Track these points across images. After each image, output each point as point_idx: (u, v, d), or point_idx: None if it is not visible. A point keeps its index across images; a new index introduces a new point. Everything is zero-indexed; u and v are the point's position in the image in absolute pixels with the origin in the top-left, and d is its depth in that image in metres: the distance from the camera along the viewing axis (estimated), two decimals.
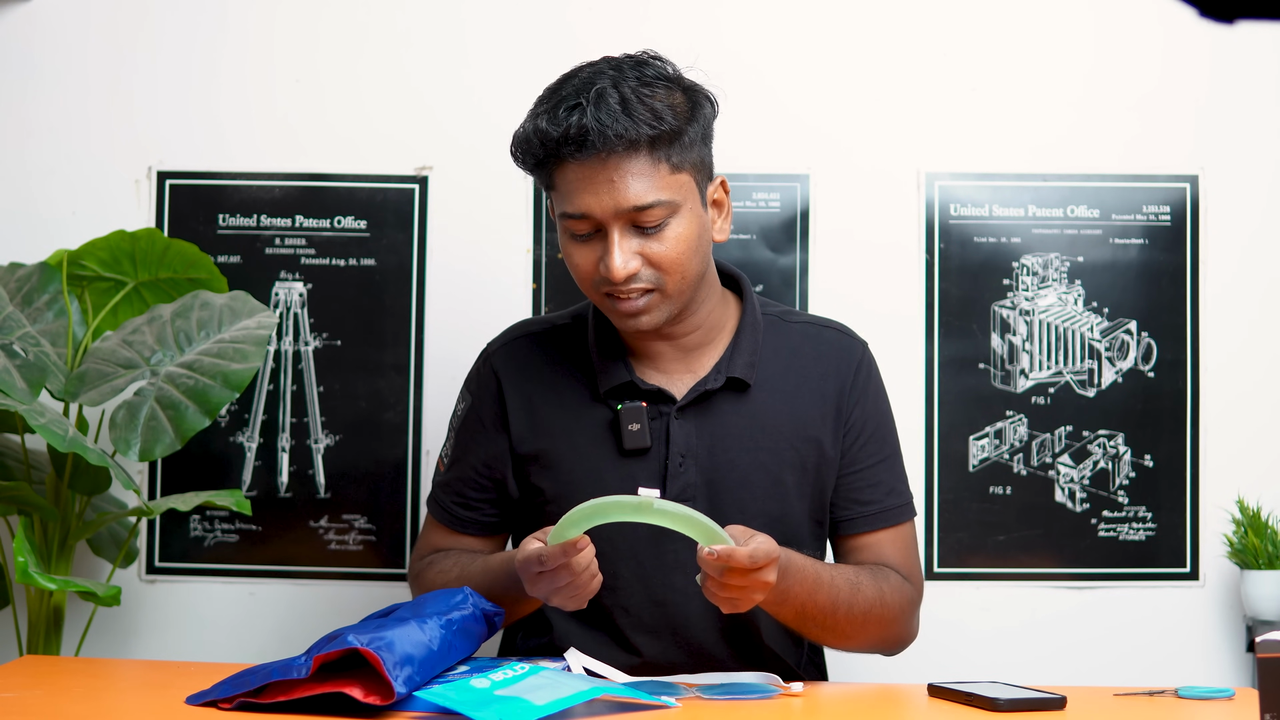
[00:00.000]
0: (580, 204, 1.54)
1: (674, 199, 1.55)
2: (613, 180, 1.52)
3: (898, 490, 1.74)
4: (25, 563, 1.92)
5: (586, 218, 1.55)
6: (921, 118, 2.41)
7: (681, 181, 1.57)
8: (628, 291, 1.57)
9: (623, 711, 1.37)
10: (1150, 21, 2.40)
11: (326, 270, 2.40)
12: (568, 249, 1.60)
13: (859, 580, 1.64)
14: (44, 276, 2.20)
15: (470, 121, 2.42)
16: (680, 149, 1.56)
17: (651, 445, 1.65)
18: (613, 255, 1.54)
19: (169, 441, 2.02)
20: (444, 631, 1.41)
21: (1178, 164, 2.40)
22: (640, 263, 1.56)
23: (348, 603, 2.37)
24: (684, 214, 1.57)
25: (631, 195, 1.53)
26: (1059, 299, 2.38)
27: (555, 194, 1.59)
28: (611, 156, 1.52)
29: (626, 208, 1.53)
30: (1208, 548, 2.36)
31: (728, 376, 1.67)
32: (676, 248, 1.56)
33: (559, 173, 1.56)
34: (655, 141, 1.53)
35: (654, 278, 1.57)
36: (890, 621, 1.68)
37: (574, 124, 1.51)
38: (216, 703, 1.36)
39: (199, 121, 2.42)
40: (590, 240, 1.58)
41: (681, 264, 1.57)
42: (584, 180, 1.53)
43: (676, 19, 2.42)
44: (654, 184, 1.54)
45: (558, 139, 1.52)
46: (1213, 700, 1.50)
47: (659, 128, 1.53)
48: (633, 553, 1.67)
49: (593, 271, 1.58)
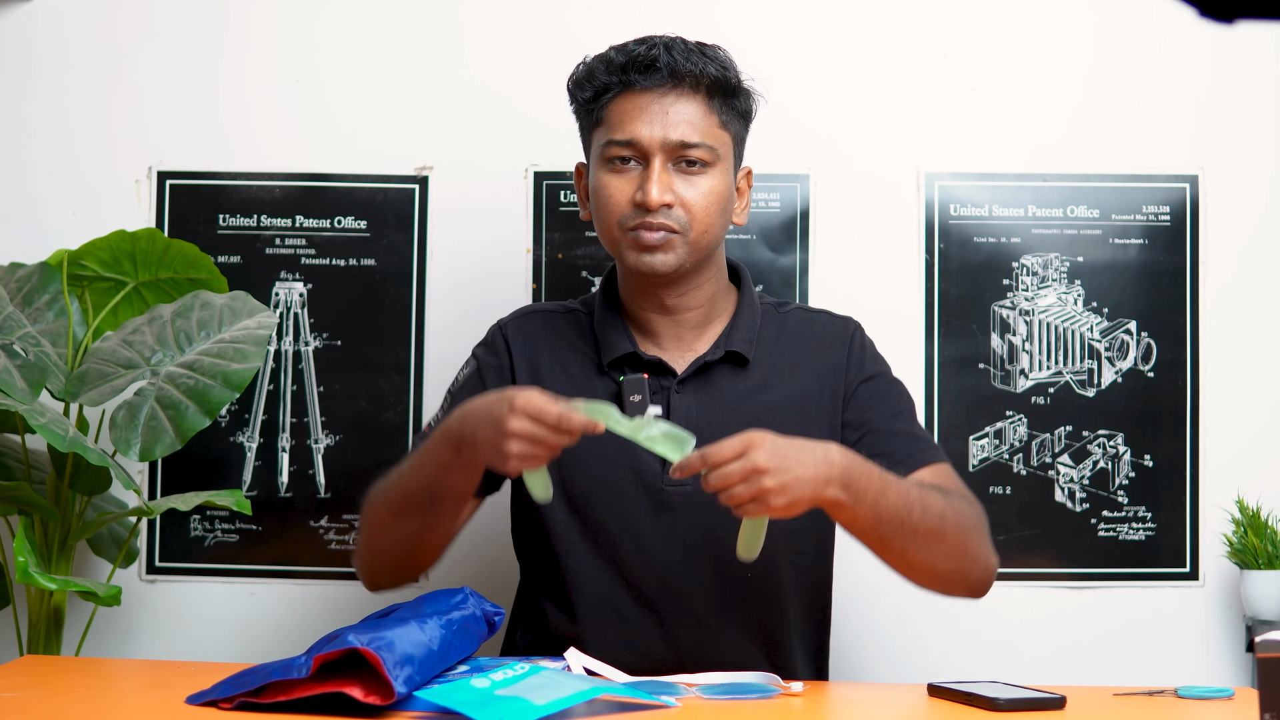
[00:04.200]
0: (631, 130, 1.62)
1: (716, 149, 1.64)
2: (668, 113, 1.62)
3: (922, 438, 1.74)
4: (25, 563, 1.92)
5: (633, 144, 1.63)
6: (921, 118, 2.41)
7: (724, 139, 1.66)
8: (653, 224, 1.62)
9: (623, 711, 1.37)
10: (1150, 21, 2.40)
11: (326, 270, 2.40)
12: (602, 181, 1.65)
13: (925, 489, 1.61)
14: (44, 276, 2.20)
15: (470, 121, 2.42)
16: (731, 110, 1.66)
17: None
18: (652, 181, 1.61)
19: (169, 441, 2.02)
20: (444, 631, 1.41)
21: (1177, 164, 2.40)
22: (674, 199, 1.63)
23: (348, 603, 2.37)
24: (719, 170, 1.65)
25: (684, 130, 1.62)
26: (1059, 299, 2.38)
27: (601, 127, 1.66)
28: (672, 91, 1.62)
29: (675, 140, 1.62)
30: (1207, 548, 2.36)
31: (727, 350, 1.70)
32: (708, 198, 1.64)
33: (614, 103, 1.65)
34: (714, 88, 1.63)
35: (682, 219, 1.63)
36: (969, 530, 1.62)
37: (644, 52, 1.63)
38: (216, 703, 1.37)
39: (199, 121, 2.42)
40: (628, 172, 1.64)
41: (708, 216, 1.64)
42: (639, 109, 1.62)
43: (676, 19, 2.41)
44: (704, 128, 1.63)
45: (624, 64, 1.63)
46: (1212, 700, 1.50)
47: (724, 75, 1.65)
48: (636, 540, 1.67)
49: (625, 204, 1.64)
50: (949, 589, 1.66)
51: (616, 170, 1.64)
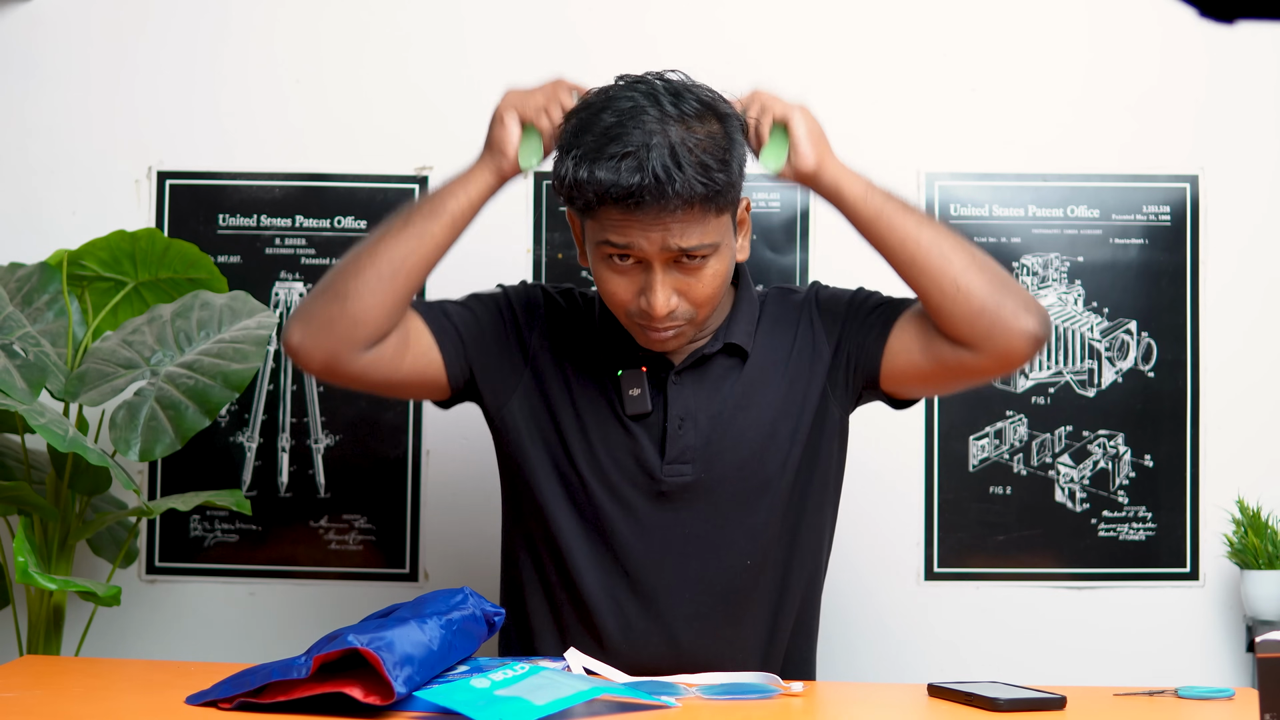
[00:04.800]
0: (627, 239, 1.56)
1: (717, 240, 1.59)
2: (666, 224, 1.55)
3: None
4: (25, 563, 1.92)
5: (630, 249, 1.57)
6: (921, 118, 2.41)
7: (724, 222, 1.61)
8: (660, 326, 1.61)
9: (623, 711, 1.37)
10: (1149, 22, 2.40)
11: (326, 270, 2.40)
12: (602, 274, 1.62)
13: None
14: (44, 276, 2.20)
15: (471, 121, 2.40)
16: (725, 197, 1.58)
17: (652, 410, 1.67)
18: (655, 294, 1.58)
19: (169, 441, 2.02)
20: (444, 631, 1.41)
21: (1177, 164, 2.40)
22: (678, 300, 1.60)
23: (348, 603, 2.37)
24: (722, 251, 1.61)
25: (682, 240, 1.56)
26: (1059, 299, 2.38)
27: (594, 223, 1.59)
28: (664, 212, 1.54)
29: (674, 249, 1.56)
30: (1208, 548, 2.36)
31: (725, 342, 1.69)
32: (713, 284, 1.61)
33: (604, 211, 1.57)
34: (705, 198, 1.55)
35: (688, 313, 1.61)
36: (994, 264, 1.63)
37: (632, 184, 1.52)
38: (216, 703, 1.36)
39: (199, 121, 2.42)
40: (628, 271, 1.60)
41: (715, 298, 1.63)
42: (633, 221, 1.55)
43: (677, 19, 2.42)
44: (702, 229, 1.57)
45: (613, 195, 1.53)
46: (1213, 700, 1.50)
47: (713, 186, 1.55)
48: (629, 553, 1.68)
49: (628, 300, 1.61)
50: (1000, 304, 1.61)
51: (616, 268, 1.60)
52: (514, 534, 1.78)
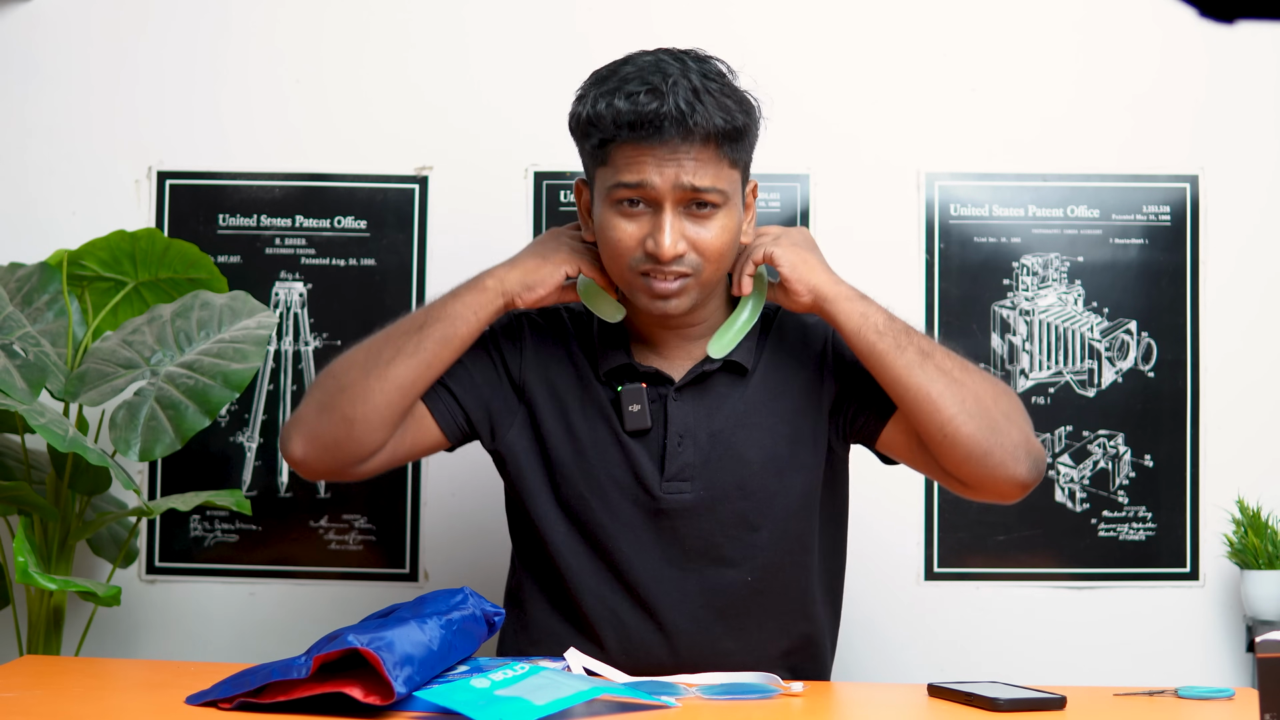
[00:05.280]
0: (641, 176, 1.58)
1: (727, 190, 1.61)
2: (679, 160, 1.57)
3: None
4: (25, 563, 1.92)
5: (642, 188, 1.58)
6: (921, 118, 2.41)
7: (734, 177, 1.62)
8: (667, 272, 1.60)
9: (623, 711, 1.37)
10: (1149, 21, 2.40)
11: (326, 270, 2.40)
12: (610, 221, 1.61)
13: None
14: (44, 276, 2.20)
15: (471, 121, 2.42)
16: (739, 148, 1.62)
17: (651, 426, 1.66)
18: (664, 232, 1.58)
19: (169, 441, 2.02)
20: (444, 631, 1.41)
21: (1177, 164, 2.40)
22: (686, 246, 1.59)
23: (348, 603, 2.37)
24: (731, 208, 1.62)
25: (695, 176, 1.57)
26: (1059, 299, 2.38)
27: (607, 168, 1.61)
28: (682, 143, 1.56)
29: (687, 186, 1.57)
30: (1208, 548, 2.36)
31: (726, 359, 1.68)
32: (721, 238, 1.61)
33: (620, 148, 1.59)
34: (723, 135, 1.58)
35: (695, 263, 1.61)
36: (1002, 389, 1.62)
37: (651, 109, 1.55)
38: (216, 703, 1.36)
39: (199, 121, 2.42)
40: (637, 216, 1.60)
41: (721, 255, 1.62)
42: (648, 156, 1.57)
43: (680, 19, 2.42)
44: (715, 172, 1.59)
45: (631, 122, 1.56)
46: (1213, 700, 1.50)
47: (731, 123, 1.58)
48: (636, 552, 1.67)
49: (634, 248, 1.60)
50: (988, 452, 1.59)
51: (625, 213, 1.60)
52: (517, 548, 1.78)
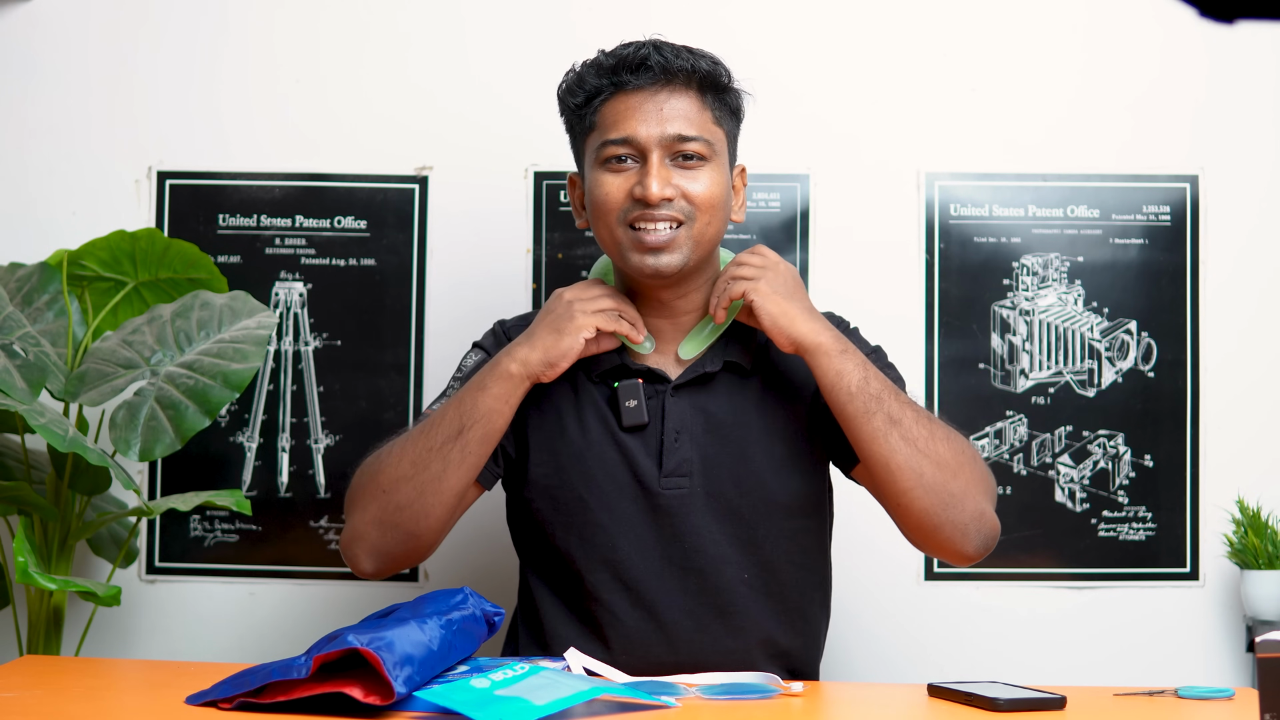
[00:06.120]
0: (627, 128, 1.62)
1: (712, 144, 1.64)
2: (662, 110, 1.62)
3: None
4: (25, 563, 1.92)
5: (629, 142, 1.62)
6: (921, 118, 2.41)
7: (719, 134, 1.66)
8: (657, 217, 1.61)
9: (623, 711, 1.37)
10: (1149, 22, 2.40)
11: (326, 270, 2.40)
12: (599, 181, 1.64)
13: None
14: (44, 276, 2.20)
15: (470, 121, 2.42)
16: (723, 107, 1.66)
17: (649, 422, 1.66)
18: (650, 175, 1.61)
19: (169, 441, 2.02)
20: (444, 631, 1.41)
21: (1177, 164, 2.40)
22: (675, 193, 1.62)
23: (348, 603, 2.37)
24: (717, 165, 1.65)
25: (680, 124, 1.62)
26: (1059, 299, 2.38)
27: (595, 131, 1.65)
28: (664, 88, 1.62)
29: (672, 135, 1.62)
30: (1208, 548, 2.36)
31: (725, 360, 1.69)
32: (711, 189, 1.64)
33: (607, 105, 1.64)
34: (705, 84, 1.63)
35: (685, 209, 1.63)
36: (971, 454, 1.63)
37: (633, 52, 1.63)
38: (216, 703, 1.37)
39: (199, 121, 2.42)
40: (625, 170, 1.64)
41: (711, 207, 1.64)
42: (633, 108, 1.62)
43: (679, 20, 2.41)
44: (699, 122, 1.63)
45: (615, 65, 1.63)
46: (1213, 700, 1.50)
47: (714, 70, 1.64)
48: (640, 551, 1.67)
49: (622, 200, 1.63)
50: (938, 526, 1.61)
51: (613, 169, 1.63)
52: (521, 550, 1.79)
